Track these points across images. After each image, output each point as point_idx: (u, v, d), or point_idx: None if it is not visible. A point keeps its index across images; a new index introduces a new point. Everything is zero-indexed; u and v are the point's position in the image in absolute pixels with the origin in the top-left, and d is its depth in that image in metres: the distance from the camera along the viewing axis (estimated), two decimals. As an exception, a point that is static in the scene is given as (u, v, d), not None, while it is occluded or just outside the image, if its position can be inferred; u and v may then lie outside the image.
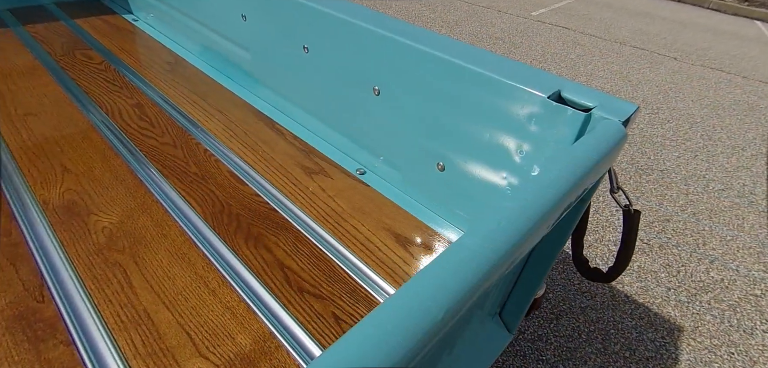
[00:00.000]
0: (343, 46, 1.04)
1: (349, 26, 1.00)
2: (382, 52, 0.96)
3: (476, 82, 0.83)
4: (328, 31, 1.06)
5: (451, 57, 0.85)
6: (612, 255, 1.86)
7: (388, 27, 0.96)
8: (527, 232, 0.41)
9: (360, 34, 0.99)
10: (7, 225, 0.86)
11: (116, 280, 0.77)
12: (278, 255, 0.86)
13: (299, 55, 1.15)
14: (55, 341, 0.67)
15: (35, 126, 1.14)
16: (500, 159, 0.84)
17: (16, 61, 1.43)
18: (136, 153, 1.09)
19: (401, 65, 0.94)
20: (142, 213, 0.92)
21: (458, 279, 0.34)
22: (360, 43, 1.00)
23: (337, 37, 1.04)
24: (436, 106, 0.91)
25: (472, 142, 0.88)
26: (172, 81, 1.42)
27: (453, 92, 0.87)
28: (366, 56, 1.00)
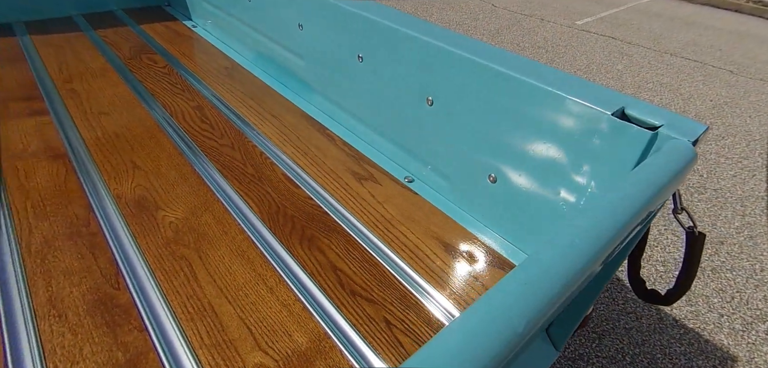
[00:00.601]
0: (397, 56, 1.06)
1: (404, 37, 1.03)
2: (437, 63, 0.98)
3: (534, 96, 0.83)
4: (384, 41, 1.09)
5: (509, 70, 0.86)
6: (659, 275, 1.80)
7: (443, 38, 0.98)
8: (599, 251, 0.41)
9: (415, 45, 1.01)
10: (86, 216, 0.93)
11: (183, 273, 0.83)
12: (331, 258, 0.89)
13: (353, 63, 1.19)
14: (130, 326, 0.73)
15: (108, 124, 1.23)
16: (556, 175, 0.84)
17: (90, 63, 1.55)
18: (198, 153, 1.15)
19: (456, 76, 0.95)
20: (204, 210, 0.97)
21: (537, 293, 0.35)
22: (415, 53, 1.02)
23: (392, 47, 1.07)
24: (490, 118, 0.92)
25: (526, 157, 0.88)
26: (230, 85, 1.49)
27: (509, 105, 0.88)
28: (420, 67, 1.02)
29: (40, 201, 0.96)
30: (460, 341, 0.31)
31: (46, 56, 1.58)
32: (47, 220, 0.91)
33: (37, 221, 0.90)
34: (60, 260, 0.83)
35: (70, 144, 1.14)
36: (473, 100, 0.94)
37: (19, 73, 1.44)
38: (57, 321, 0.72)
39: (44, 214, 0.92)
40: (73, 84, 1.41)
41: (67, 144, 1.14)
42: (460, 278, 0.87)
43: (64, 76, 1.45)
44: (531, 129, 0.86)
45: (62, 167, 1.06)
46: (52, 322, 0.72)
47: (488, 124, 0.93)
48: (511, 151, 0.91)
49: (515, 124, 0.88)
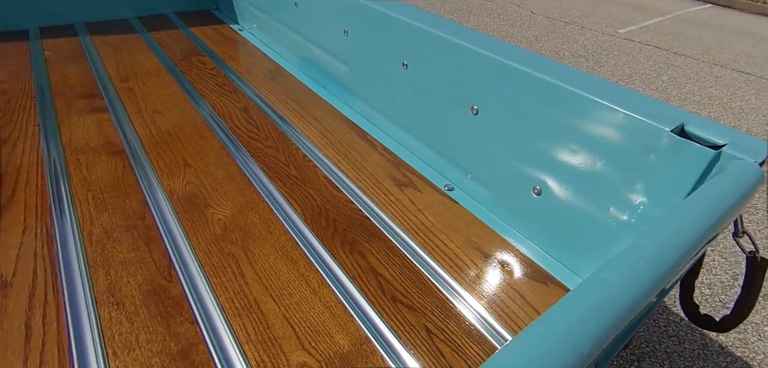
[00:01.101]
0: (443, 65, 1.07)
1: (450, 45, 1.03)
2: (483, 72, 0.98)
3: (585, 109, 0.82)
4: (429, 49, 1.09)
5: (559, 81, 0.85)
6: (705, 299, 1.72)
7: (490, 47, 0.98)
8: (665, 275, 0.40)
9: (462, 54, 1.01)
10: (141, 209, 0.98)
11: (230, 269, 0.86)
12: (372, 263, 0.90)
13: (398, 71, 1.20)
14: (181, 318, 0.76)
15: (161, 122, 1.29)
16: (605, 191, 0.82)
17: (145, 64, 1.63)
18: (244, 153, 1.19)
19: (503, 86, 0.95)
20: (250, 209, 1.01)
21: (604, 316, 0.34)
22: (461, 62, 1.02)
23: (438, 55, 1.07)
24: (538, 130, 0.91)
25: (574, 170, 0.87)
26: (273, 88, 1.54)
27: (558, 117, 0.86)
28: (466, 75, 1.02)
29: (100, 193, 1.01)
30: (526, 358, 0.31)
31: (105, 56, 1.67)
32: (107, 212, 0.96)
33: (98, 212, 0.96)
34: (118, 251, 0.87)
35: (126, 140, 1.20)
36: (520, 110, 0.93)
37: (81, 72, 1.54)
38: (115, 308, 0.77)
39: (104, 206, 0.98)
40: (130, 83, 1.49)
41: (124, 140, 1.20)
42: (501, 290, 0.86)
43: (121, 75, 1.53)
44: (580, 142, 0.84)
45: (120, 162, 1.12)
46: (111, 310, 0.76)
47: (535, 136, 0.92)
48: (557, 164, 0.89)
49: (563, 136, 0.87)
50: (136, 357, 0.69)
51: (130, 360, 0.69)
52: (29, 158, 1.11)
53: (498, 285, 0.87)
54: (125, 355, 0.69)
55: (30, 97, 1.38)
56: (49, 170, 1.07)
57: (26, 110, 1.31)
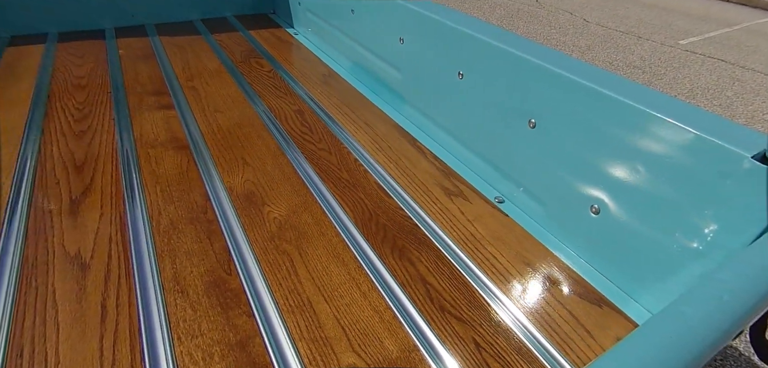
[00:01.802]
0: (501, 76, 1.06)
1: (509, 56, 1.03)
2: (543, 85, 0.96)
3: (653, 128, 0.79)
4: (487, 59, 1.09)
5: (625, 98, 0.82)
6: None
7: (551, 59, 0.96)
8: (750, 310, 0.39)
9: (521, 65, 1.00)
10: (203, 204, 1.04)
11: (285, 267, 0.89)
12: (421, 271, 0.91)
13: (453, 80, 1.21)
14: (240, 311, 0.80)
15: (222, 121, 1.36)
16: (673, 216, 0.79)
17: (207, 64, 1.72)
18: (298, 154, 1.23)
19: (564, 100, 0.93)
20: (304, 210, 1.04)
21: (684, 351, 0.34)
22: (520, 74, 1.01)
23: (496, 66, 1.07)
24: (599, 146, 0.88)
25: (638, 192, 0.84)
26: (327, 92, 1.58)
27: (623, 135, 0.84)
28: (525, 88, 1.01)
29: (167, 186, 1.08)
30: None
31: (172, 56, 1.78)
32: (173, 204, 1.03)
33: (165, 204, 1.03)
34: (183, 241, 0.93)
35: (191, 136, 1.28)
36: (581, 125, 0.91)
37: (151, 70, 1.65)
38: (180, 296, 0.82)
39: (170, 198, 1.04)
40: (194, 82, 1.58)
41: (188, 136, 1.28)
42: (552, 309, 0.84)
43: (186, 75, 1.63)
44: (645, 162, 0.81)
45: (185, 157, 1.19)
46: (177, 297, 0.81)
47: (596, 153, 0.89)
48: (619, 184, 0.87)
49: (627, 155, 0.84)
50: (199, 344, 0.73)
51: (192, 347, 0.73)
52: (105, 149, 1.20)
53: (549, 303, 0.86)
54: (189, 341, 0.74)
55: (106, 92, 1.49)
56: (122, 161, 1.16)
57: (103, 104, 1.42)
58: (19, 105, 1.39)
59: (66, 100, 1.44)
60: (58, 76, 1.59)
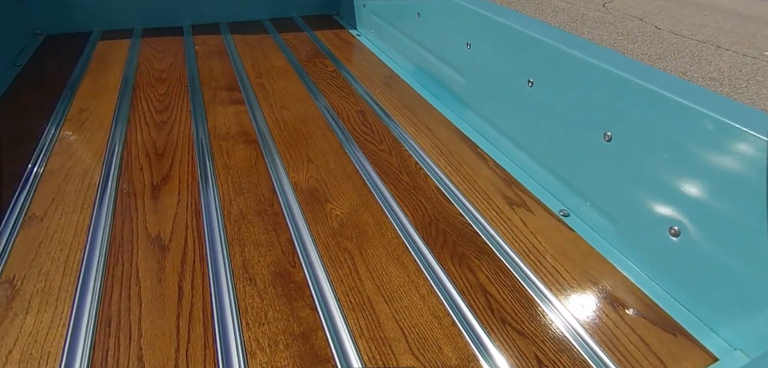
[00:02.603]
0: (575, 85, 1.02)
1: (585, 66, 0.99)
2: (621, 96, 0.92)
3: (746, 147, 0.73)
4: (561, 67, 1.05)
5: (715, 113, 0.77)
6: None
7: (631, 69, 0.91)
8: None
9: (598, 75, 0.96)
10: (270, 197, 1.08)
11: (346, 265, 0.91)
12: (481, 280, 0.89)
13: (522, 87, 1.18)
14: (303, 303, 0.83)
15: (288, 117, 1.41)
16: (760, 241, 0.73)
17: (275, 62, 1.80)
18: (360, 154, 1.26)
19: (644, 113, 0.88)
20: (365, 209, 1.06)
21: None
22: (596, 84, 0.97)
23: (570, 75, 1.03)
24: (683, 164, 0.83)
25: (726, 217, 0.78)
26: (388, 94, 1.60)
27: (711, 153, 0.78)
28: (601, 98, 0.97)
29: (237, 178, 1.14)
30: None
31: (243, 53, 1.88)
32: (242, 196, 1.08)
33: (235, 195, 1.08)
34: (251, 232, 0.98)
35: (259, 132, 1.34)
36: (663, 140, 0.86)
37: (224, 66, 1.74)
38: (249, 284, 0.86)
39: (240, 190, 1.10)
40: (262, 79, 1.65)
41: (257, 131, 1.34)
42: (622, 333, 0.80)
43: (255, 72, 1.71)
44: (735, 184, 0.75)
45: (253, 151, 1.25)
46: (245, 284, 0.86)
47: (679, 171, 0.84)
48: (703, 205, 0.81)
49: (714, 175, 0.78)
50: (265, 332, 0.77)
51: (259, 334, 0.77)
52: (182, 139, 1.29)
53: (618, 326, 0.81)
54: (256, 328, 0.77)
55: (184, 86, 1.59)
56: (197, 151, 1.23)
57: (180, 97, 1.52)
58: (108, 93, 1.52)
59: (149, 91, 1.55)
60: (142, 68, 1.72)
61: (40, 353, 0.71)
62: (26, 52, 1.84)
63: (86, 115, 1.39)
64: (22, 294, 0.81)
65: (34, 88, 1.55)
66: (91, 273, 0.86)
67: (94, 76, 1.65)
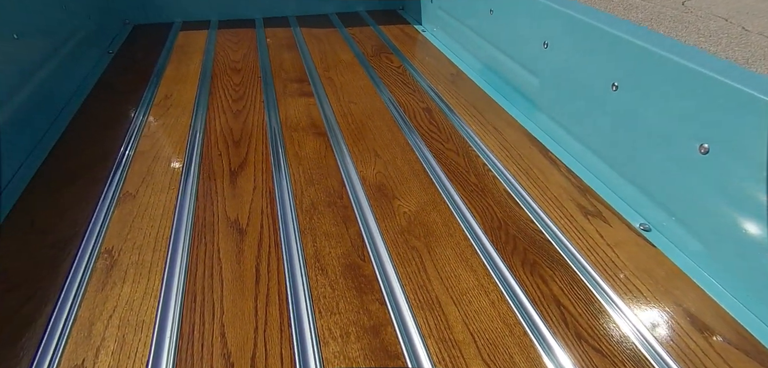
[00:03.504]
0: (667, 91, 0.96)
1: (680, 69, 0.92)
2: (723, 104, 0.85)
3: None
4: (650, 70, 0.99)
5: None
6: None
7: (736, 77, 0.84)
8: None
9: (695, 80, 0.89)
10: (339, 189, 1.11)
11: (414, 263, 0.91)
12: (554, 291, 0.86)
13: (605, 92, 1.12)
14: (373, 297, 0.84)
15: (355, 112, 1.44)
16: None
17: (342, 56, 1.83)
18: (427, 152, 1.25)
19: (749, 125, 0.81)
20: (433, 209, 1.05)
21: None
22: (694, 89, 0.90)
23: (662, 79, 0.96)
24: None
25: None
26: (454, 91, 1.58)
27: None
28: (698, 106, 0.89)
29: (308, 168, 1.18)
30: None
31: (311, 47, 1.93)
32: (313, 187, 1.11)
33: (307, 186, 1.12)
34: (322, 223, 1.00)
35: (328, 124, 1.37)
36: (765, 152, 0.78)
37: (293, 59, 1.80)
38: (320, 273, 0.88)
39: (311, 181, 1.13)
40: (330, 73, 1.69)
41: (326, 124, 1.37)
42: (712, 362, 0.74)
43: (323, 65, 1.75)
44: None
45: (323, 144, 1.28)
46: (317, 273, 0.88)
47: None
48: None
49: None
50: (337, 322, 0.79)
51: (331, 323, 0.79)
52: (256, 129, 1.34)
53: (707, 354, 0.76)
54: (328, 317, 0.80)
55: (257, 76, 1.66)
56: (270, 141, 1.28)
57: (254, 87, 1.59)
58: (189, 81, 1.62)
59: (225, 80, 1.63)
60: (219, 59, 1.82)
61: (135, 320, 0.78)
62: (117, 41, 1.99)
63: (170, 101, 1.49)
64: (120, 265, 0.88)
65: (125, 74, 1.68)
66: (178, 250, 0.92)
67: (176, 64, 1.76)
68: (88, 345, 0.73)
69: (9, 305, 0.80)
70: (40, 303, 0.80)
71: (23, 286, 0.83)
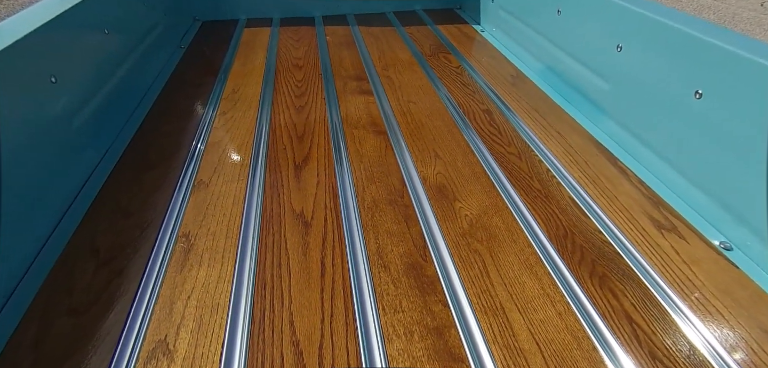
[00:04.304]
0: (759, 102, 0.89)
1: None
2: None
3: None
4: (741, 79, 0.92)
5: None
6: None
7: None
8: None
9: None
10: (400, 188, 1.12)
11: (477, 266, 0.91)
12: (625, 306, 0.83)
13: (686, 99, 1.05)
14: (435, 298, 0.84)
15: (415, 111, 1.44)
16: None
17: (400, 55, 1.84)
18: (488, 155, 1.23)
19: None
20: (495, 213, 1.04)
21: None
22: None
23: (755, 88, 0.90)
24: None
25: None
26: (515, 93, 1.54)
27: None
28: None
29: (369, 166, 1.19)
30: None
31: (370, 45, 1.95)
32: (374, 184, 1.13)
33: (368, 183, 1.13)
34: (383, 220, 1.02)
35: (388, 123, 1.38)
36: None
37: (352, 57, 1.83)
38: (383, 270, 0.89)
39: (372, 178, 1.15)
40: (389, 71, 1.70)
41: (386, 122, 1.38)
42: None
43: (382, 64, 1.77)
44: None
45: (383, 142, 1.29)
46: (380, 270, 0.89)
47: None
48: None
49: None
50: (400, 319, 0.80)
51: (395, 320, 0.80)
52: (319, 125, 1.38)
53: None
54: (391, 314, 0.81)
55: (318, 73, 1.70)
56: (332, 137, 1.32)
57: (315, 83, 1.63)
58: (255, 76, 1.69)
59: (288, 76, 1.69)
60: (281, 55, 1.88)
61: (211, 302, 0.82)
62: (188, 37, 2.11)
63: (237, 95, 1.56)
64: (196, 249, 0.94)
65: (195, 69, 1.77)
66: (248, 238, 0.97)
67: (242, 60, 1.84)
68: (170, 323, 0.79)
69: (100, 279, 0.87)
70: (127, 280, 0.87)
71: (112, 263, 0.91)
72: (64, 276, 0.88)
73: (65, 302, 0.82)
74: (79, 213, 1.03)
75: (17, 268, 0.87)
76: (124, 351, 0.74)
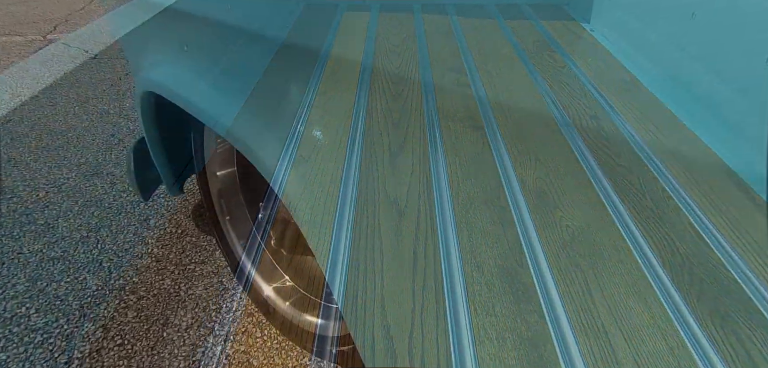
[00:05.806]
0: None
1: None
2: None
3: None
4: None
5: None
6: None
7: None
8: None
9: None
10: (496, 188, 1.08)
11: (578, 282, 0.85)
12: (753, 354, 0.73)
13: None
14: (531, 308, 0.80)
15: (514, 110, 1.38)
16: None
17: (500, 49, 1.77)
18: (594, 165, 1.15)
19: None
20: (599, 228, 0.97)
21: None
22: None
23: None
24: None
25: None
26: (628, 102, 1.42)
27: None
28: None
29: (464, 162, 1.17)
30: None
31: (468, 36, 1.90)
32: (469, 180, 1.10)
33: (463, 178, 1.11)
34: (478, 219, 0.99)
35: (485, 119, 1.34)
36: None
37: (450, 48, 1.80)
38: (476, 270, 0.87)
39: (467, 175, 1.13)
40: (488, 66, 1.65)
41: (483, 119, 1.35)
42: None
43: (481, 57, 1.72)
44: None
45: (479, 138, 1.26)
46: (473, 269, 0.88)
47: None
48: None
49: None
50: (493, 323, 0.77)
51: (487, 323, 0.78)
52: (414, 114, 1.38)
53: None
54: (483, 316, 0.79)
55: (415, 62, 1.70)
56: (428, 128, 1.31)
57: (412, 72, 1.63)
58: (352, 61, 1.73)
59: (386, 62, 1.70)
60: (380, 41, 1.90)
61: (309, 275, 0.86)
62: (292, 17, 2.21)
63: (337, 77, 1.61)
64: None
65: (298, 50, 1.86)
66: (344, 217, 1.00)
67: (342, 44, 1.89)
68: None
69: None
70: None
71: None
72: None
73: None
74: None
75: None
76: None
